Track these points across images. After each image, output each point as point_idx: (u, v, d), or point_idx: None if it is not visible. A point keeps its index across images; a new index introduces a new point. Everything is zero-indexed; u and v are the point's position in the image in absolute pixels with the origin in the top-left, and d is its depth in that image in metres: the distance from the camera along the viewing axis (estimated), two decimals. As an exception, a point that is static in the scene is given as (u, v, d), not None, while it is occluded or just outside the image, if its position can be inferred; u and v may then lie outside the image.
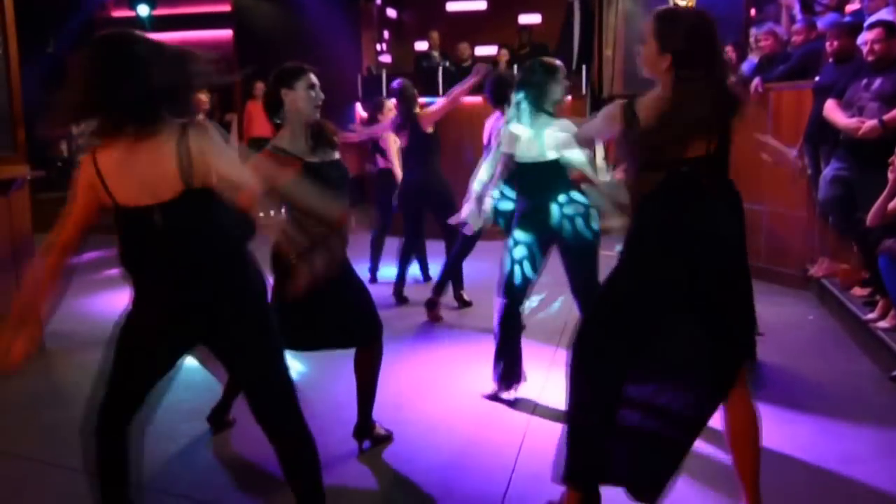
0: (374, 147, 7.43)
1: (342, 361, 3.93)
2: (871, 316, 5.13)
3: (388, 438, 3.89)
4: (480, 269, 6.55)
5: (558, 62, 4.50)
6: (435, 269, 6.96)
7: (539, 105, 4.28)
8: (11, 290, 5.28)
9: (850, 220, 5.50)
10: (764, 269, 7.08)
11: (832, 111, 5.63)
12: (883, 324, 4.97)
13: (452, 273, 6.30)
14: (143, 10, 11.60)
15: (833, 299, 5.94)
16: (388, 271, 7.11)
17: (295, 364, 4.94)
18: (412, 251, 6.87)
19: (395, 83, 6.60)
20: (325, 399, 4.35)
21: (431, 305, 6.12)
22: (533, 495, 3.28)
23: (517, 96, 4.34)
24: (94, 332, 5.75)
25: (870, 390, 4.44)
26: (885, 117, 5.22)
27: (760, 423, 2.84)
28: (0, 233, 5.25)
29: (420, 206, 6.60)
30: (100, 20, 13.32)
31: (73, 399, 4.42)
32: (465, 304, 6.51)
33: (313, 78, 3.58)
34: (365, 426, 3.82)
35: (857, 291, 5.63)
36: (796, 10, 7.81)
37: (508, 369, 4.39)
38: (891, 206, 4.70)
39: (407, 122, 6.38)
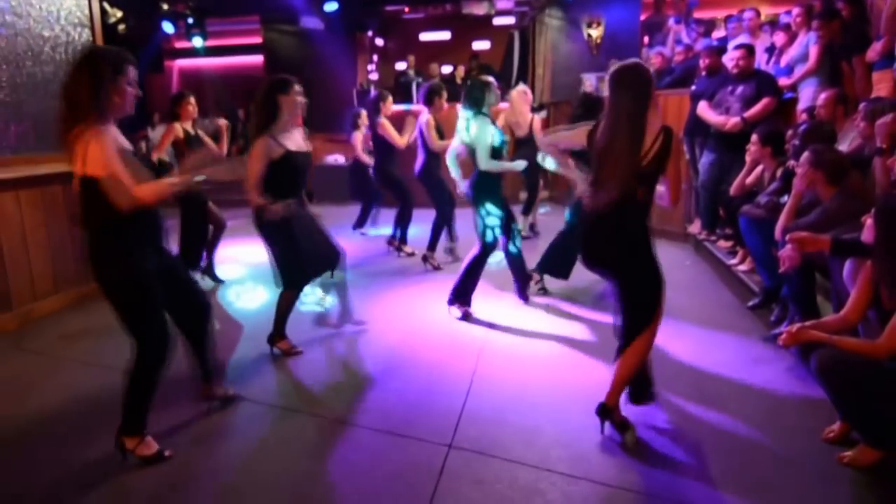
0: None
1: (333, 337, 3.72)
2: (733, 262, 5.05)
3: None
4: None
5: (490, 78, 4.47)
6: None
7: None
8: (70, 264, 4.88)
9: (718, 192, 5.42)
10: (655, 228, 6.97)
11: (705, 111, 5.54)
12: (742, 267, 4.89)
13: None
14: (197, 42, 11.21)
15: (704, 249, 5.84)
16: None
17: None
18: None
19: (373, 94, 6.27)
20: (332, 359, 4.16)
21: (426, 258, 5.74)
22: (484, 408, 3.14)
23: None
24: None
25: (733, 315, 4.37)
26: (746, 114, 5.16)
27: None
28: (61, 217, 4.83)
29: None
30: (166, 49, 13.01)
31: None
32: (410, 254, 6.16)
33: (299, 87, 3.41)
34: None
35: (722, 244, 5.54)
36: (683, 34, 7.66)
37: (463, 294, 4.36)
38: (748, 180, 4.62)
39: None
